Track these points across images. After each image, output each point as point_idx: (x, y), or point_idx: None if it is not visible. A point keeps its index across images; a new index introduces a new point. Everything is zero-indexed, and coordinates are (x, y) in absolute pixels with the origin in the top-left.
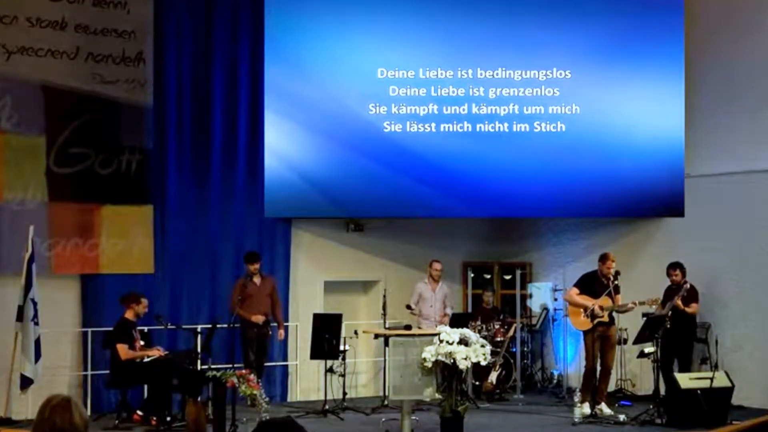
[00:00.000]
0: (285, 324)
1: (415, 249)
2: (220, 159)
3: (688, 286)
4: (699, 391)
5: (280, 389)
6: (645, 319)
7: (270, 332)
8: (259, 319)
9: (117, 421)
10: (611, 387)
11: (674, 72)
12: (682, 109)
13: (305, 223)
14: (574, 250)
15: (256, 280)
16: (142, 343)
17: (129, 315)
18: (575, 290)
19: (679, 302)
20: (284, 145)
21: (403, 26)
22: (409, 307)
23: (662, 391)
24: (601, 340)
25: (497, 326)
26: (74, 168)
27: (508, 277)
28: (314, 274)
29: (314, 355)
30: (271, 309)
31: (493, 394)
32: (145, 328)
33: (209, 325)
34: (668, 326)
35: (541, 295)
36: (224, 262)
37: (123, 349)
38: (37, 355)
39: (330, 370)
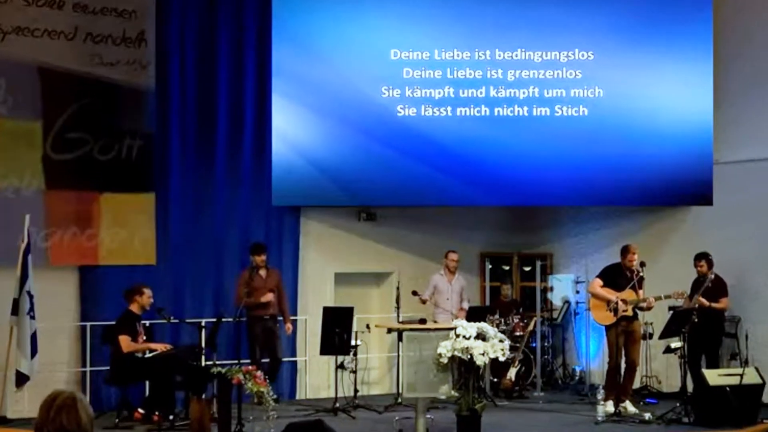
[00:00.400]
0: (293, 318)
1: (431, 239)
2: (225, 144)
3: (713, 276)
4: (728, 388)
5: (289, 386)
6: (671, 312)
7: (278, 327)
8: (268, 297)
9: (117, 420)
10: (636, 384)
11: (702, 52)
12: (710, 91)
13: (315, 212)
14: (596, 241)
15: (262, 272)
16: (145, 338)
17: (133, 308)
18: (599, 282)
19: (702, 299)
20: (293, 130)
21: (418, 5)
22: (415, 293)
23: (690, 388)
24: (625, 335)
25: (516, 320)
26: (72, 154)
27: (527, 269)
28: (324, 265)
29: (324, 351)
30: (278, 302)
31: (511, 392)
32: (147, 322)
33: (214, 319)
34: (695, 320)
35: (562, 287)
36: (229, 252)
37: (125, 341)
38: (33, 351)
39: (341, 367)
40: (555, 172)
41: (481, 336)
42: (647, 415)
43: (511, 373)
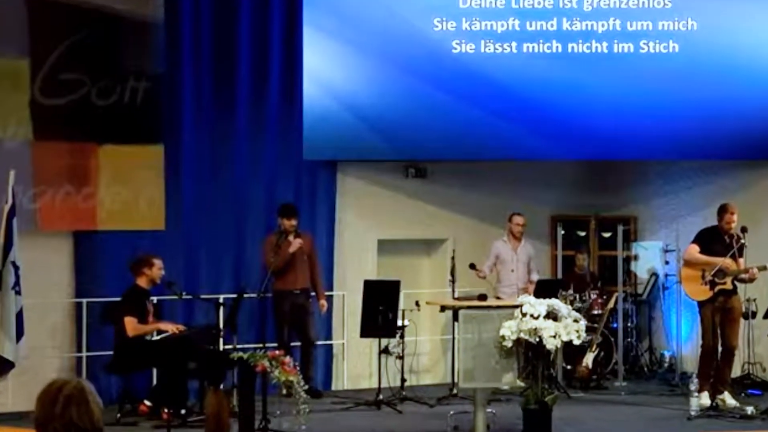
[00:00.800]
0: (328, 294)
1: (492, 199)
2: (247, 87)
3: None
4: None
5: (323, 375)
6: None
7: (310, 304)
8: (295, 244)
9: (119, 414)
10: (736, 372)
11: None
12: None
13: (354, 168)
14: (689, 201)
15: (291, 238)
16: (153, 317)
17: (141, 282)
18: (695, 247)
19: None
20: (328, 70)
21: None
22: (473, 266)
23: None
24: (722, 313)
25: (594, 296)
26: (65, 98)
27: (607, 235)
28: (365, 231)
29: (365, 333)
30: (310, 274)
31: (588, 381)
32: (155, 299)
33: (234, 295)
34: None
35: (648, 256)
36: (253, 216)
37: (132, 323)
38: (20, 332)
39: (385, 351)
40: (640, 120)
41: (552, 315)
42: (749, 409)
43: (588, 359)
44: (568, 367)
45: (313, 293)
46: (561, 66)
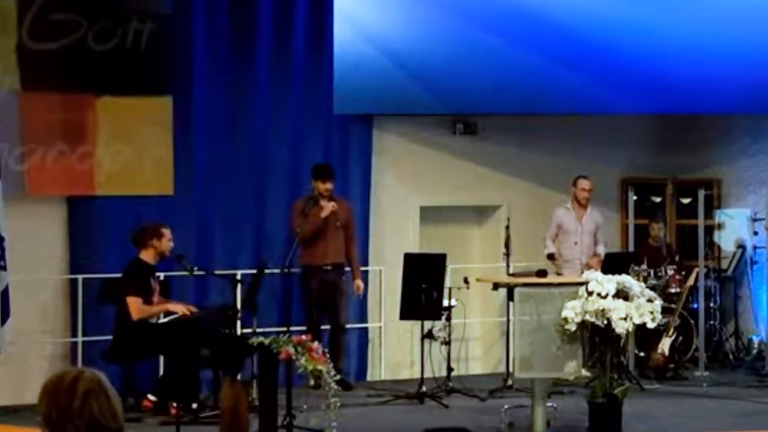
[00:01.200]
0: (363, 269)
1: (553, 160)
2: (269, 29)
3: None
4: None
5: (357, 363)
6: None
7: (343, 281)
8: (328, 208)
9: None
10: None
11: None
12: None
13: (393, 123)
14: None
15: (324, 203)
16: (159, 295)
17: (146, 255)
18: None
19: None
20: (362, 10)
21: None
22: (550, 256)
23: None
24: None
25: (671, 272)
26: (58, 43)
27: (686, 201)
28: (406, 196)
29: (406, 315)
30: (345, 247)
31: (664, 371)
32: (161, 275)
33: (254, 271)
34: None
35: (734, 226)
36: (275, 179)
37: (136, 304)
38: (5, 314)
39: (429, 336)
40: (724, 67)
41: (622, 294)
42: None
43: (664, 345)
44: (641, 354)
45: (347, 269)
46: (632, 5)
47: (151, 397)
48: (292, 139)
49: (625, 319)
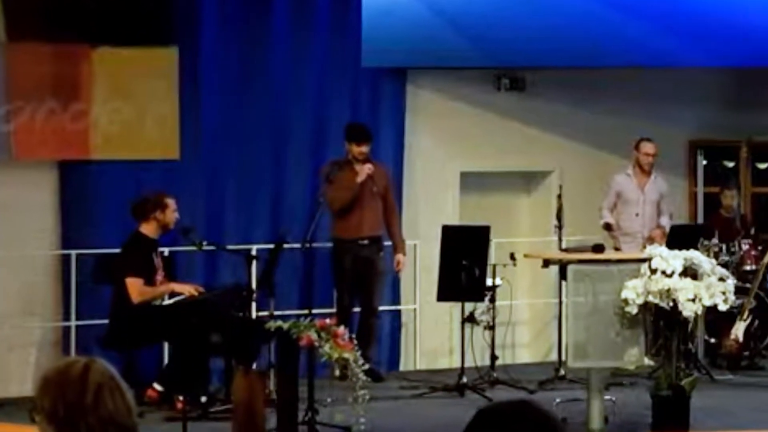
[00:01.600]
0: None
1: (611, 120)
2: None
3: None
4: None
5: (388, 351)
6: None
7: (382, 258)
8: (363, 171)
9: None
10: None
11: None
12: None
13: (429, 78)
14: None
15: (359, 167)
16: (163, 274)
17: (147, 229)
18: None
19: None
20: None
21: None
22: (609, 227)
23: None
24: None
25: (746, 247)
26: None
27: (763, 166)
28: (444, 160)
29: (444, 296)
30: (385, 218)
31: (738, 359)
32: (166, 250)
33: (271, 245)
34: None
35: None
36: (295, 141)
37: (136, 286)
38: None
39: (470, 320)
40: None
41: (690, 272)
42: None
43: (738, 330)
44: (712, 340)
45: (387, 242)
46: None
47: (155, 387)
48: (314, 95)
49: (693, 300)
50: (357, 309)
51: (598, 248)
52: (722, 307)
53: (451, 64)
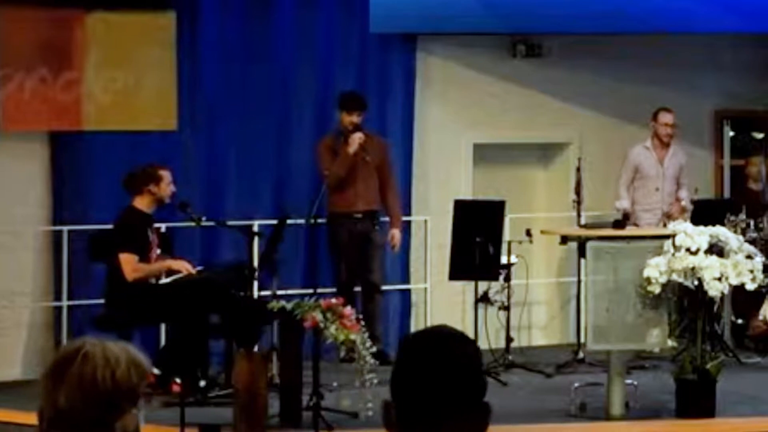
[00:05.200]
0: (404, 219)
1: (633, 89)
2: None
3: None
4: None
5: (398, 332)
6: None
7: (377, 233)
8: (355, 142)
9: None
10: None
11: None
12: None
13: (440, 44)
14: None
15: (351, 138)
16: (159, 251)
17: (141, 203)
18: None
19: None
20: None
21: None
22: (619, 223)
23: None
24: None
25: None
26: None
27: None
28: (456, 132)
29: (457, 274)
30: (381, 192)
31: (767, 341)
32: (162, 226)
33: (274, 221)
34: None
35: None
36: (300, 111)
37: (131, 262)
38: None
39: (484, 300)
40: None
41: (716, 249)
42: None
43: (766, 311)
44: (739, 321)
45: (384, 218)
46: None
47: (153, 369)
48: (320, 63)
49: (719, 279)
50: (358, 288)
51: (619, 224)
52: (750, 286)
53: (463, 29)
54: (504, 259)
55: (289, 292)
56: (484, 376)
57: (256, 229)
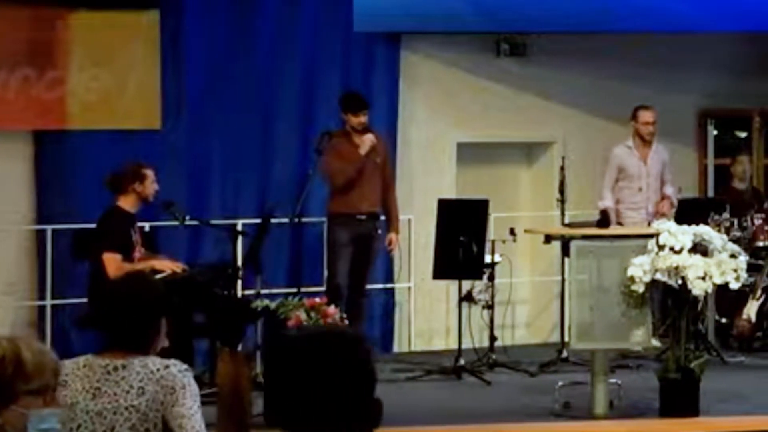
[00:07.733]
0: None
1: (617, 88)
2: None
3: None
4: None
5: (381, 332)
6: None
7: (378, 236)
8: (367, 143)
9: None
10: None
11: None
12: None
13: (424, 43)
14: None
15: (359, 138)
16: (143, 250)
17: (126, 202)
18: None
19: None
20: None
21: None
22: (604, 218)
23: None
24: None
25: (758, 221)
26: None
27: None
28: (441, 130)
29: (440, 273)
30: (382, 193)
31: (750, 340)
32: (146, 225)
33: (258, 220)
34: None
35: None
36: (284, 109)
37: (114, 262)
38: None
39: (468, 299)
40: None
41: (700, 248)
42: None
43: (750, 310)
44: (723, 320)
45: (383, 217)
46: None
47: None
48: (304, 62)
49: (703, 278)
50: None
51: (603, 223)
52: (734, 286)
53: (448, 28)
54: (488, 258)
55: (273, 291)
56: (370, 373)
57: (239, 228)
